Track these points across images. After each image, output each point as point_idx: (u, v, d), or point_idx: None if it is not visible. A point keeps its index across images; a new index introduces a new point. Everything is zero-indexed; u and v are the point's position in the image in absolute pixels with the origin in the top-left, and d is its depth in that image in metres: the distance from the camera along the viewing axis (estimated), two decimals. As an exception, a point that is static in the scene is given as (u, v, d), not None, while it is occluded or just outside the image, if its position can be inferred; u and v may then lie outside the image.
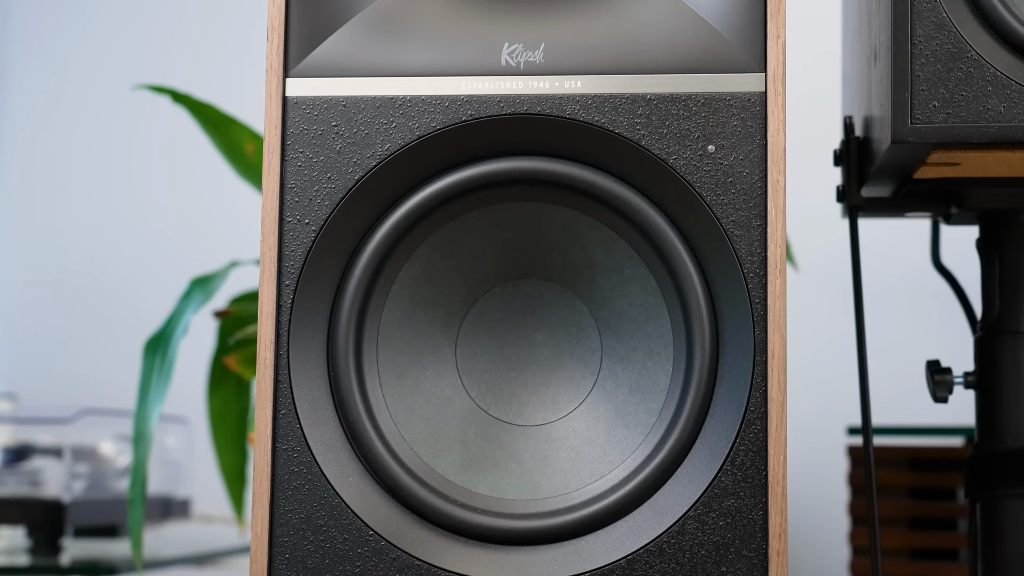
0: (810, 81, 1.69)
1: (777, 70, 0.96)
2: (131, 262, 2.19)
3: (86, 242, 2.21)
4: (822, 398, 1.86)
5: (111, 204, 2.21)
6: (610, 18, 0.98)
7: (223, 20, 2.20)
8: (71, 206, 2.22)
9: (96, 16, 2.24)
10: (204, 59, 2.19)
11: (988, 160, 1.01)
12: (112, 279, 2.19)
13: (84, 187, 2.22)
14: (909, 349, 1.57)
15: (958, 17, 0.97)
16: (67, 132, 2.23)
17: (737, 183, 0.95)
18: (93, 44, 2.24)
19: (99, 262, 2.21)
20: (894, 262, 1.84)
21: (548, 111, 0.96)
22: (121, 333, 2.10)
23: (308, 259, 0.97)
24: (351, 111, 0.98)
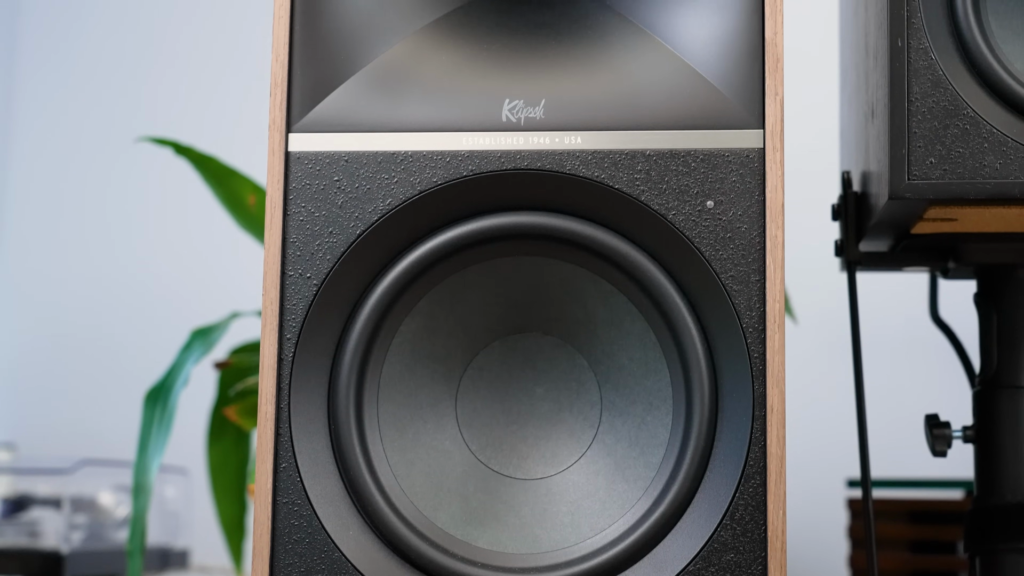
0: (809, 134, 1.70)
1: (775, 127, 0.96)
2: (132, 312, 2.19)
3: (87, 292, 2.22)
4: (821, 450, 1.86)
5: (112, 254, 2.21)
6: (610, 75, 0.99)
7: (225, 73, 2.22)
8: (73, 256, 2.23)
9: (99, 69, 2.26)
10: (206, 111, 2.20)
11: (985, 216, 1.02)
12: (112, 329, 2.20)
13: (86, 237, 2.23)
14: (908, 401, 1.57)
15: (954, 75, 0.98)
16: (69, 183, 2.25)
17: (736, 238, 0.96)
18: (96, 96, 2.25)
19: (100, 312, 2.21)
20: (893, 314, 1.85)
21: (548, 166, 0.97)
22: (121, 383, 2.11)
23: (309, 313, 0.97)
24: (353, 166, 0.98)
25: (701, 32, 0.98)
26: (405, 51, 1.00)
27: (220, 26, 2.23)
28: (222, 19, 2.23)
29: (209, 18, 2.24)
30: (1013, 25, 1.01)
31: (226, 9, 2.23)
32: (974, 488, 1.15)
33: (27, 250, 2.25)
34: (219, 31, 2.23)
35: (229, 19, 2.23)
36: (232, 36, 2.22)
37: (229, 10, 2.23)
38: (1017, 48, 1.01)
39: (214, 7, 2.24)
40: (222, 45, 2.23)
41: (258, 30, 2.06)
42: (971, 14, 0.98)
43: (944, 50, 0.99)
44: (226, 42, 2.23)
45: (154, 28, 2.26)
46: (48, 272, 2.24)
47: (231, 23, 2.23)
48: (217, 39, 2.23)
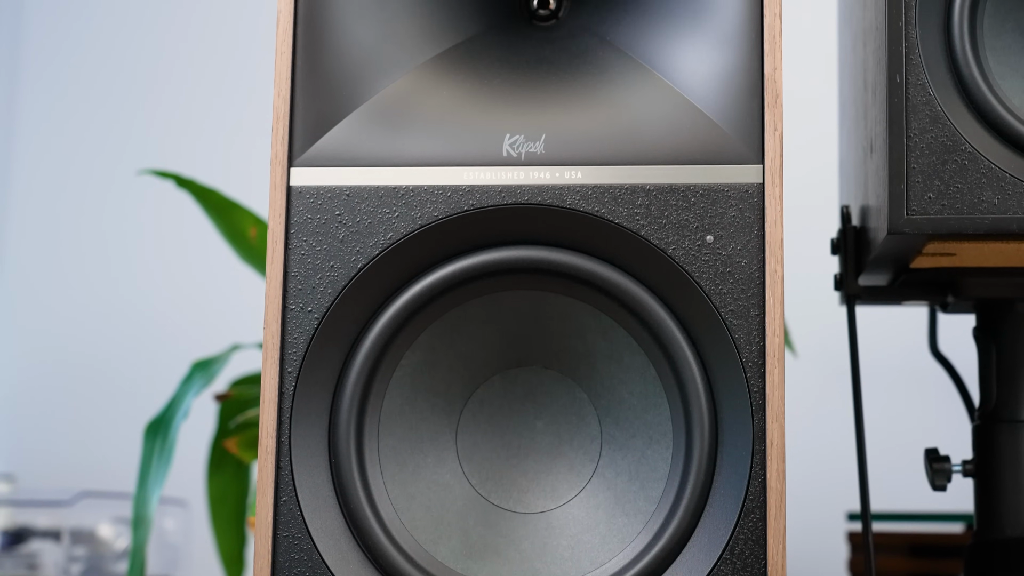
0: (808, 168, 1.71)
1: (775, 162, 0.97)
2: (132, 344, 2.20)
3: (87, 324, 2.22)
4: (821, 483, 1.86)
5: (113, 286, 2.22)
6: (610, 110, 0.99)
7: (226, 106, 2.23)
8: (73, 287, 2.23)
9: (101, 100, 2.27)
10: (208, 144, 2.21)
11: (984, 251, 1.03)
12: (113, 361, 2.20)
13: (86, 268, 2.23)
14: (908, 434, 1.58)
15: (952, 110, 0.99)
16: (71, 214, 2.25)
17: (735, 273, 0.96)
18: (98, 128, 2.26)
19: (100, 344, 2.21)
20: (893, 347, 1.85)
21: (549, 201, 0.98)
22: (121, 415, 2.11)
23: (310, 346, 0.97)
24: (354, 200, 0.99)
25: (701, 68, 0.99)
26: (406, 86, 1.01)
27: (222, 59, 2.24)
28: (224, 52, 2.24)
29: (211, 51, 2.25)
30: (1010, 62, 1.02)
31: (228, 42, 2.24)
32: (974, 522, 1.15)
33: (27, 281, 2.25)
34: (221, 64, 2.24)
35: (231, 52, 2.24)
36: (234, 69, 2.23)
37: (231, 43, 2.24)
38: (1015, 84, 1.01)
39: (216, 40, 2.25)
40: (224, 78, 2.24)
41: (260, 63, 2.07)
42: (969, 51, 0.99)
43: (942, 86, 0.99)
44: (228, 75, 2.24)
45: (156, 61, 2.27)
46: (48, 303, 2.24)
47: (233, 56, 2.24)
48: (219, 72, 2.24)
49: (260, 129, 1.82)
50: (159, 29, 2.27)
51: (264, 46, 1.95)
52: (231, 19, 2.25)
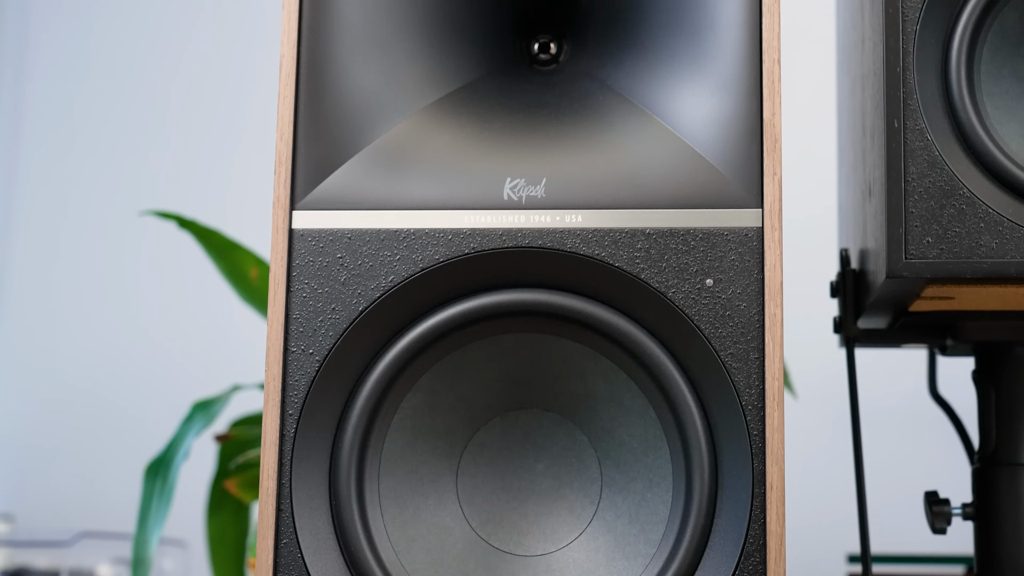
0: (808, 210, 1.72)
1: (773, 206, 0.98)
2: (133, 384, 2.20)
3: (88, 363, 2.22)
4: (822, 525, 1.86)
5: (114, 326, 2.22)
6: (610, 154, 1.00)
7: (227, 146, 2.24)
8: (74, 327, 2.24)
9: (103, 141, 2.28)
10: (210, 185, 2.22)
11: (982, 294, 1.03)
12: (113, 401, 2.20)
13: (87, 308, 2.23)
14: (908, 476, 1.58)
15: (950, 155, 0.99)
16: (73, 254, 2.26)
17: (735, 316, 0.97)
18: (99, 168, 2.27)
19: (101, 384, 2.22)
20: (893, 389, 1.85)
21: (549, 244, 0.98)
22: (121, 455, 2.11)
23: (311, 389, 0.98)
24: (356, 243, 0.99)
25: (700, 113, 1.00)
26: (408, 130, 1.02)
27: (225, 100, 2.26)
28: (227, 93, 2.26)
29: (214, 92, 2.26)
30: (1008, 107, 1.03)
31: (231, 82, 2.26)
32: (974, 565, 1.15)
33: (28, 320, 2.26)
34: (223, 105, 2.25)
35: (234, 93, 2.25)
36: (237, 110, 2.24)
37: (234, 83, 2.25)
38: (1012, 129, 1.02)
39: (218, 80, 2.26)
40: (226, 119, 2.25)
41: (263, 105, 2.09)
42: (966, 96, 1.00)
43: (940, 131, 1.00)
44: (230, 116, 2.25)
45: (158, 102, 2.28)
46: (49, 343, 2.24)
47: (236, 96, 2.25)
48: (221, 113, 2.25)
49: (261, 170, 1.83)
50: (161, 70, 2.28)
51: (267, 87, 1.96)
52: (234, 60, 2.26)
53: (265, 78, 2.03)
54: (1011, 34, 1.03)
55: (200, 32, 2.28)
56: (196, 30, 2.28)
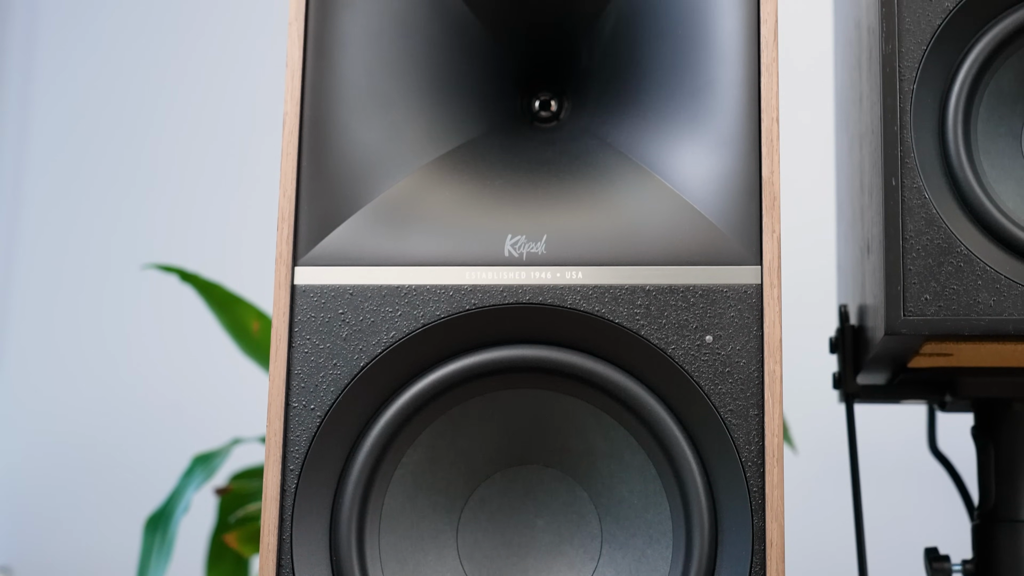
0: (807, 266, 1.72)
1: (772, 263, 0.98)
2: (133, 437, 2.20)
3: (88, 416, 2.22)
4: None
5: (114, 379, 2.22)
6: (610, 211, 1.01)
7: (230, 200, 2.25)
8: (74, 380, 2.24)
9: (105, 192, 2.29)
10: (211, 237, 2.23)
11: (980, 351, 1.04)
12: (113, 454, 2.20)
13: (88, 361, 2.24)
14: (908, 532, 1.57)
15: (947, 213, 1.00)
16: (74, 308, 2.26)
17: (734, 373, 0.97)
18: (101, 220, 2.28)
19: (101, 436, 2.22)
20: (892, 444, 1.85)
21: (550, 301, 0.99)
22: (121, 508, 2.10)
23: (312, 444, 0.98)
24: (358, 299, 1.00)
25: (700, 170, 1.01)
26: (410, 186, 1.02)
27: (227, 154, 2.27)
28: (229, 147, 2.27)
29: (216, 145, 2.28)
30: (1004, 165, 1.04)
31: (233, 137, 2.27)
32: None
33: (28, 372, 2.26)
34: (226, 159, 2.27)
35: (235, 146, 2.26)
36: (238, 164, 2.26)
37: (236, 138, 2.27)
38: (1008, 187, 1.03)
39: (220, 134, 2.28)
40: (228, 173, 2.26)
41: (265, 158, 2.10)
42: (963, 154, 1.01)
43: (937, 189, 1.01)
44: (232, 170, 2.26)
45: (161, 154, 2.29)
46: (49, 395, 2.24)
47: (238, 150, 2.26)
48: (223, 166, 2.27)
49: (263, 223, 1.83)
50: (163, 122, 2.30)
51: (269, 141, 1.97)
52: (236, 113, 2.27)
53: (267, 132, 2.04)
54: (1007, 94, 1.04)
55: (202, 84, 2.30)
56: (198, 82, 2.30)
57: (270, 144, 1.92)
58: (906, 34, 1.02)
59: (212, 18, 2.32)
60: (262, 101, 2.21)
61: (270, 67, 2.15)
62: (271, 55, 2.18)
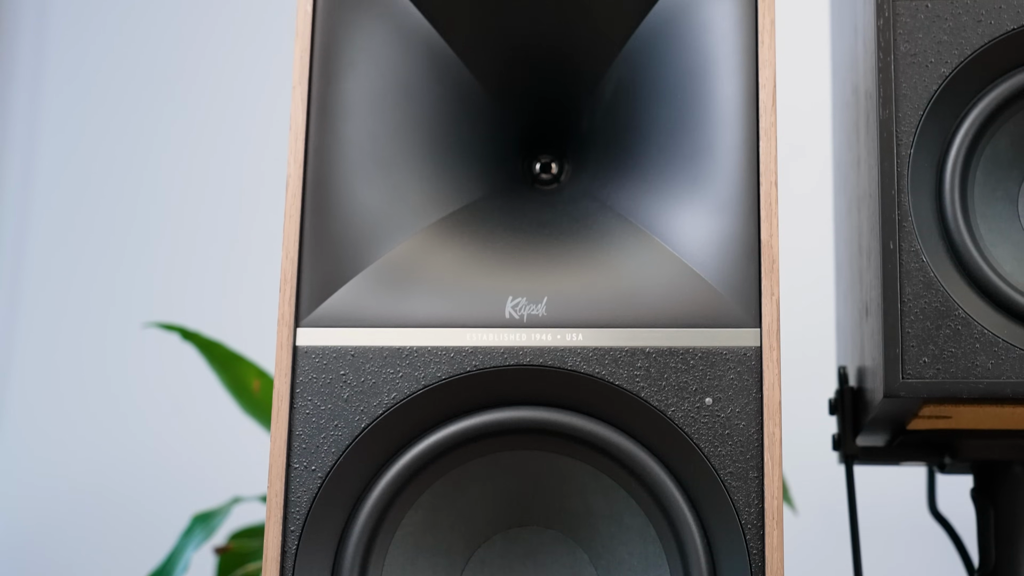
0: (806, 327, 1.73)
1: (772, 326, 0.99)
2: (132, 496, 2.19)
3: (88, 473, 2.22)
4: (823, 641, 1.84)
5: (114, 436, 2.22)
6: (610, 274, 1.01)
7: (231, 258, 2.25)
8: (75, 436, 2.24)
9: (107, 252, 2.30)
10: (213, 295, 2.23)
11: (979, 413, 1.04)
12: (113, 513, 2.20)
13: (88, 418, 2.24)
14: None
15: (945, 277, 1.01)
16: (74, 366, 2.26)
17: (734, 435, 0.97)
18: (102, 277, 2.29)
19: (100, 494, 2.21)
20: (892, 505, 1.85)
21: (550, 363, 0.99)
22: (120, 566, 2.10)
23: (313, 505, 0.98)
24: (359, 360, 1.00)
25: (699, 233, 1.01)
26: (411, 248, 1.03)
27: (228, 213, 2.28)
28: (231, 205, 2.28)
29: (217, 203, 2.29)
30: (1001, 229, 1.04)
31: (234, 196, 2.28)
32: None
33: (29, 430, 2.26)
34: (227, 218, 2.28)
35: (238, 205, 2.27)
36: (240, 223, 2.27)
37: (237, 197, 2.28)
38: (1006, 251, 1.04)
39: (222, 193, 2.29)
40: (230, 231, 2.27)
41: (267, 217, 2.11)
42: (960, 218, 1.02)
43: (935, 252, 1.01)
44: (234, 228, 2.27)
45: (163, 212, 2.30)
46: (49, 452, 2.24)
47: (240, 209, 2.27)
48: (225, 225, 2.28)
49: (265, 282, 1.84)
50: (163, 179, 2.31)
51: (270, 201, 1.99)
52: (238, 174, 2.29)
53: (269, 192, 2.06)
54: (1003, 158, 1.05)
55: (205, 143, 2.31)
56: (201, 140, 2.31)
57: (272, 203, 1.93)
58: (903, 99, 1.03)
59: (214, 77, 2.33)
60: (265, 161, 2.23)
61: (273, 128, 2.16)
62: (274, 116, 2.20)
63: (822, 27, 1.62)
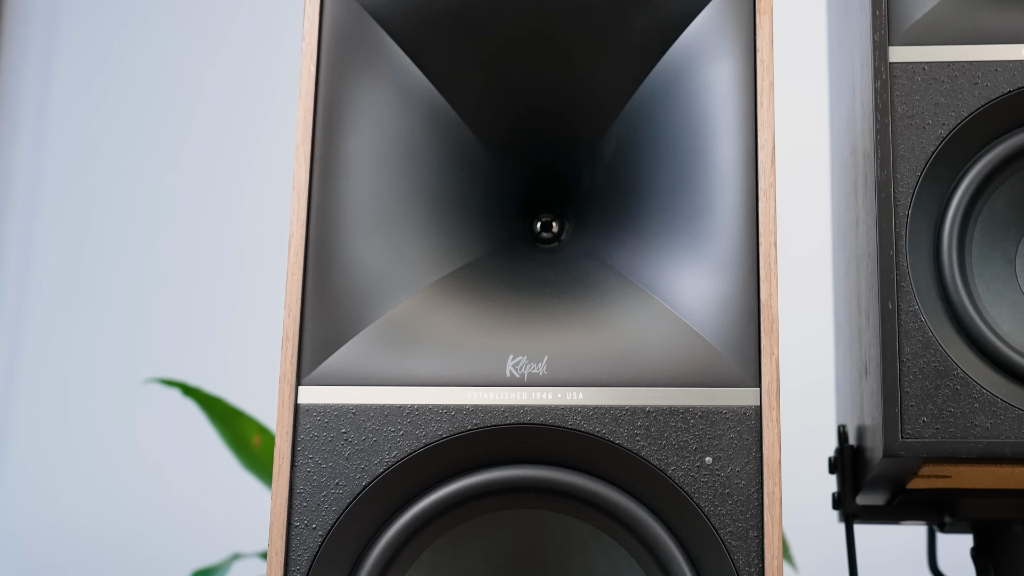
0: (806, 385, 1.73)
1: (771, 385, 0.99)
2: (131, 552, 2.19)
3: (87, 528, 2.21)
4: None
5: (114, 492, 2.22)
6: (610, 332, 1.02)
7: (232, 314, 2.26)
8: (74, 492, 2.23)
9: (109, 306, 2.30)
10: (214, 350, 2.24)
11: (979, 473, 1.04)
12: (112, 568, 2.19)
13: (88, 473, 2.23)
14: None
15: (944, 336, 1.01)
16: (75, 419, 2.26)
17: (734, 494, 0.98)
18: (106, 334, 2.29)
19: (99, 550, 2.21)
20: (893, 564, 1.85)
21: (551, 421, 1.00)
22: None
23: (314, 564, 0.98)
24: (360, 419, 1.01)
25: (699, 293, 1.02)
26: (413, 307, 1.04)
27: (230, 269, 2.29)
28: (233, 263, 2.29)
29: (221, 262, 2.30)
30: (999, 288, 1.05)
31: (237, 254, 2.29)
32: None
33: (29, 485, 2.26)
34: (229, 274, 2.29)
35: (240, 264, 2.28)
36: (242, 279, 2.27)
37: (240, 255, 2.29)
38: (1004, 311, 1.04)
39: (225, 251, 2.30)
40: (232, 288, 2.28)
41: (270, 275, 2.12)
42: (958, 279, 1.02)
43: (933, 312, 1.02)
44: (236, 285, 2.27)
45: (165, 268, 2.31)
46: (49, 507, 2.24)
47: (242, 268, 2.28)
48: (227, 281, 2.28)
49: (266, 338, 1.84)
50: (166, 235, 2.32)
51: (273, 259, 1.99)
52: (241, 231, 2.30)
53: (271, 249, 2.07)
54: (1000, 219, 1.06)
55: (205, 198, 2.32)
56: (202, 196, 2.33)
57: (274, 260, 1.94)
58: (901, 160, 1.04)
59: (216, 133, 2.35)
60: (267, 219, 2.24)
61: (277, 185, 2.17)
62: (278, 173, 2.21)
63: (821, 88, 1.63)
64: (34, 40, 2.41)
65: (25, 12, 2.42)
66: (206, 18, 2.40)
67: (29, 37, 2.41)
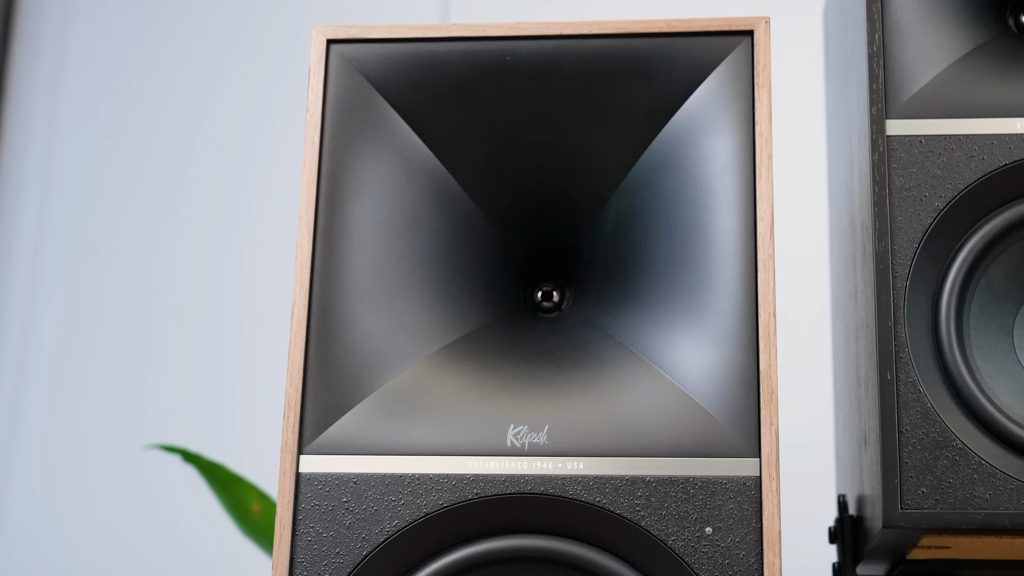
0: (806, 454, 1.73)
1: (771, 456, 1.00)
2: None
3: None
4: None
5: (113, 558, 2.21)
6: (611, 403, 1.02)
7: (233, 381, 2.26)
8: (73, 555, 2.23)
9: (110, 373, 2.31)
10: (214, 417, 2.24)
11: (978, 544, 1.04)
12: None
13: (87, 538, 2.23)
14: None
15: (942, 407, 1.02)
16: (75, 486, 2.26)
17: (734, 565, 0.98)
18: (106, 400, 2.29)
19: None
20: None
21: (551, 491, 1.00)
22: None
23: (314, 633, 0.98)
24: (361, 488, 1.01)
25: (698, 363, 1.03)
26: (414, 376, 1.04)
27: (231, 336, 2.29)
28: (235, 332, 2.29)
29: (222, 329, 2.30)
30: (997, 360, 1.06)
31: (239, 322, 2.30)
32: None
33: (27, 550, 2.25)
34: (229, 341, 2.29)
35: (240, 332, 2.29)
36: (242, 345, 2.28)
37: (241, 322, 2.29)
38: (1002, 382, 1.05)
39: (227, 319, 2.31)
40: (233, 356, 2.28)
41: (269, 341, 2.12)
42: (956, 350, 1.03)
43: (932, 383, 1.03)
44: (237, 353, 2.28)
45: (166, 334, 2.32)
46: (47, 572, 2.23)
47: (243, 335, 2.29)
48: (228, 349, 2.29)
49: (267, 404, 1.85)
50: (168, 301, 2.33)
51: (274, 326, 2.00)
52: (243, 299, 2.31)
53: (273, 317, 2.07)
54: (997, 290, 1.07)
55: (206, 264, 2.33)
56: (203, 262, 2.34)
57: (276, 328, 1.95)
58: (898, 232, 1.05)
59: (222, 200, 2.36)
60: (269, 287, 2.25)
61: (279, 253, 2.19)
62: (279, 243, 2.23)
63: (819, 159, 1.65)
64: (46, 48, 2.43)
65: (35, 30, 2.45)
66: (201, 88, 2.42)
67: (41, 45, 2.43)
